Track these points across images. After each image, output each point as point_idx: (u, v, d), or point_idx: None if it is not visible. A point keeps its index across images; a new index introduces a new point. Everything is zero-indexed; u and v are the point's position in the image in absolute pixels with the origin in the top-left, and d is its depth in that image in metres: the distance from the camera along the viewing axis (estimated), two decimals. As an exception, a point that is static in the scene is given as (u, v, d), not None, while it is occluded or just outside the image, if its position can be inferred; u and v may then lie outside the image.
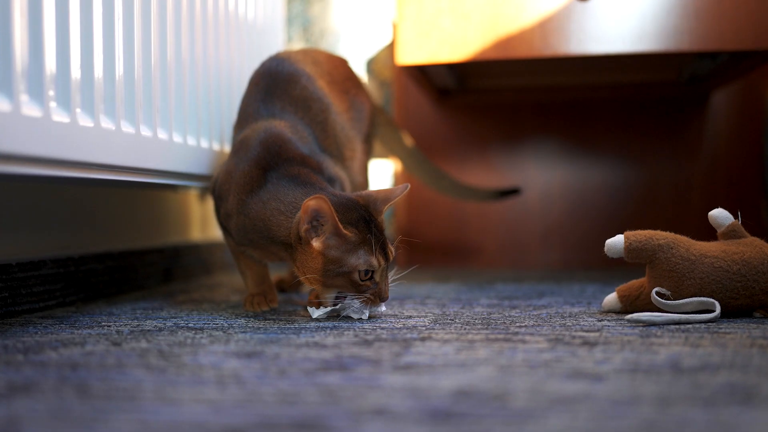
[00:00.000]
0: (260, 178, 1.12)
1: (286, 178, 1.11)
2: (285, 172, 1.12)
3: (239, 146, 1.17)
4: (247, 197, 1.11)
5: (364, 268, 1.03)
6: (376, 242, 1.04)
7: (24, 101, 0.87)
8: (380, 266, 1.04)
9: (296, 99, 1.22)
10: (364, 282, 1.04)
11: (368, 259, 1.03)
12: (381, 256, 1.05)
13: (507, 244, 2.04)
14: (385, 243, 1.06)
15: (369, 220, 1.05)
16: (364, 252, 1.03)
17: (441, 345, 0.86)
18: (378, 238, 1.05)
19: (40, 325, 1.05)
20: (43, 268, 1.20)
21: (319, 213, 1.01)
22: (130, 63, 1.10)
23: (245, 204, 1.11)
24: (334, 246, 1.03)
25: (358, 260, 1.03)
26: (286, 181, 1.11)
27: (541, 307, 1.19)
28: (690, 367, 0.73)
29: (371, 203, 1.07)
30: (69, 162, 0.94)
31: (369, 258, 1.03)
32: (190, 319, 1.10)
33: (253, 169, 1.12)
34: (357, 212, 1.05)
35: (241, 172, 1.13)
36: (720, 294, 1.03)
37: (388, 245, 1.06)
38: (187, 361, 0.79)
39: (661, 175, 2.00)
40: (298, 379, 0.70)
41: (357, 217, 1.05)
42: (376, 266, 1.04)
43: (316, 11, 2.19)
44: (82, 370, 0.75)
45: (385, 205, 1.07)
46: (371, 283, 1.05)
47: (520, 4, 1.46)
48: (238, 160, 1.15)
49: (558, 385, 0.67)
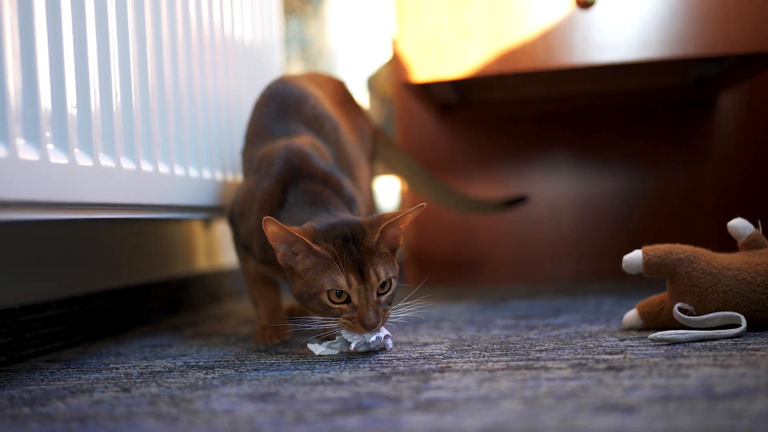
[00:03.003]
0: (281, 194, 1.08)
1: (303, 196, 1.07)
2: (304, 188, 1.08)
3: (259, 164, 1.14)
4: (268, 215, 1.07)
5: (329, 288, 0.95)
6: (352, 261, 0.95)
7: (20, 145, 0.85)
8: (352, 287, 0.95)
9: (309, 118, 1.19)
10: (338, 305, 0.96)
11: (334, 278, 0.95)
12: (354, 275, 0.95)
13: (517, 258, 2.01)
14: (364, 263, 0.96)
15: (348, 238, 0.97)
16: (336, 269, 0.95)
17: (461, 377, 0.83)
18: (354, 256, 0.96)
19: (47, 370, 1.02)
20: (47, 309, 1.17)
21: (282, 234, 0.96)
22: (127, 97, 1.08)
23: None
24: (309, 267, 0.97)
25: (324, 279, 0.95)
26: (302, 199, 1.07)
27: (560, 327, 1.15)
28: (724, 393, 0.70)
29: (368, 225, 0.99)
30: (69, 204, 0.92)
31: (335, 277, 0.95)
32: (200, 357, 1.07)
33: (275, 186, 1.09)
34: (338, 230, 0.98)
35: (263, 190, 1.10)
36: (745, 307, 1.00)
37: (369, 266, 0.96)
38: (199, 408, 0.76)
39: (671, 181, 1.96)
40: (315, 424, 0.67)
41: (336, 234, 0.97)
42: (344, 286, 0.95)
43: (313, 30, 2.17)
44: (91, 423, 0.72)
45: (385, 221, 0.97)
46: (348, 307, 0.96)
47: (520, 16, 1.43)
48: (260, 178, 1.11)
49: (589, 419, 0.63)
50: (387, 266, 0.98)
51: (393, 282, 0.99)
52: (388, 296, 0.99)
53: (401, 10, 1.47)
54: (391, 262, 1.00)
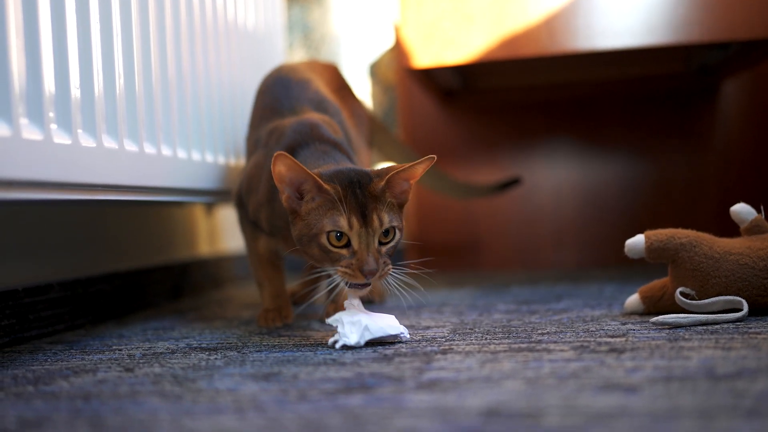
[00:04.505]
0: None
1: (314, 152, 1.05)
2: (315, 148, 1.06)
3: (268, 138, 1.12)
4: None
5: (329, 229, 0.92)
6: (356, 203, 0.92)
7: (24, 125, 0.85)
8: (353, 229, 0.91)
9: (313, 101, 1.19)
10: (337, 249, 0.92)
11: (336, 219, 0.91)
12: (357, 218, 0.92)
13: (519, 245, 2.01)
14: (367, 206, 0.92)
15: (354, 182, 0.94)
16: (335, 212, 0.92)
17: (463, 358, 0.84)
18: (359, 199, 0.92)
19: (50, 351, 1.03)
20: (50, 292, 1.18)
21: (288, 174, 0.93)
22: (130, 79, 1.08)
23: (276, 190, 1.04)
24: (313, 208, 0.94)
25: (324, 220, 0.92)
26: (312, 154, 1.04)
27: (561, 311, 1.16)
28: (726, 373, 0.70)
29: (376, 174, 0.96)
30: (72, 185, 0.92)
31: (337, 218, 0.91)
32: (202, 339, 1.07)
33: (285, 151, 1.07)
34: (345, 174, 0.95)
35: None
36: (746, 292, 1.00)
37: (373, 210, 0.92)
38: (202, 387, 0.76)
39: (674, 168, 1.96)
40: (319, 402, 0.67)
41: (343, 177, 0.94)
42: (345, 228, 0.91)
43: (315, 17, 2.17)
44: (95, 400, 0.73)
45: (393, 171, 0.94)
46: (347, 252, 0.93)
47: (524, 1, 1.43)
48: (269, 150, 1.09)
49: (591, 398, 0.64)
50: (392, 214, 0.94)
51: (397, 233, 0.95)
52: (390, 247, 0.95)
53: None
54: (397, 211, 0.96)
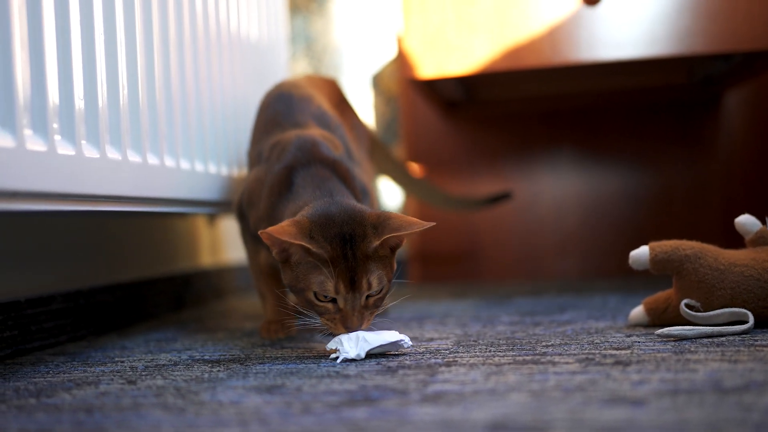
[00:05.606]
0: (288, 178, 1.06)
1: (310, 179, 1.05)
2: (312, 172, 1.06)
3: (270, 152, 1.12)
4: (276, 200, 1.06)
5: (316, 290, 0.92)
6: (346, 267, 0.91)
7: (28, 136, 0.84)
8: (340, 294, 0.91)
9: (315, 115, 1.19)
10: (323, 304, 0.93)
11: (323, 282, 0.91)
12: (344, 283, 0.91)
13: (522, 256, 2.00)
14: (357, 271, 0.91)
15: (347, 241, 0.92)
16: (326, 273, 0.91)
17: (468, 370, 0.83)
18: (349, 262, 0.91)
19: (52, 363, 1.02)
20: (52, 303, 1.17)
21: (277, 244, 0.93)
22: (134, 90, 1.08)
23: (275, 207, 1.05)
24: (302, 261, 0.93)
25: (312, 278, 0.92)
26: (308, 182, 1.04)
27: (565, 323, 1.15)
28: (733, 387, 0.69)
29: (372, 225, 0.94)
30: (76, 196, 0.92)
31: (324, 282, 0.91)
32: (205, 351, 1.07)
33: (284, 171, 1.07)
34: (337, 227, 0.93)
35: (273, 175, 1.08)
36: (752, 304, 0.99)
37: (363, 275, 0.92)
38: (205, 399, 0.76)
39: (676, 179, 1.96)
40: (323, 415, 0.67)
41: (335, 234, 0.93)
42: (332, 292, 0.91)
43: (318, 27, 2.17)
44: (97, 413, 0.72)
45: (390, 233, 0.93)
46: (333, 307, 0.93)
47: (527, 12, 1.43)
48: (270, 165, 1.10)
49: (597, 412, 0.63)
50: (382, 272, 0.94)
51: (385, 287, 0.95)
52: (377, 299, 0.95)
53: (407, 5, 1.47)
54: (389, 265, 0.95)
